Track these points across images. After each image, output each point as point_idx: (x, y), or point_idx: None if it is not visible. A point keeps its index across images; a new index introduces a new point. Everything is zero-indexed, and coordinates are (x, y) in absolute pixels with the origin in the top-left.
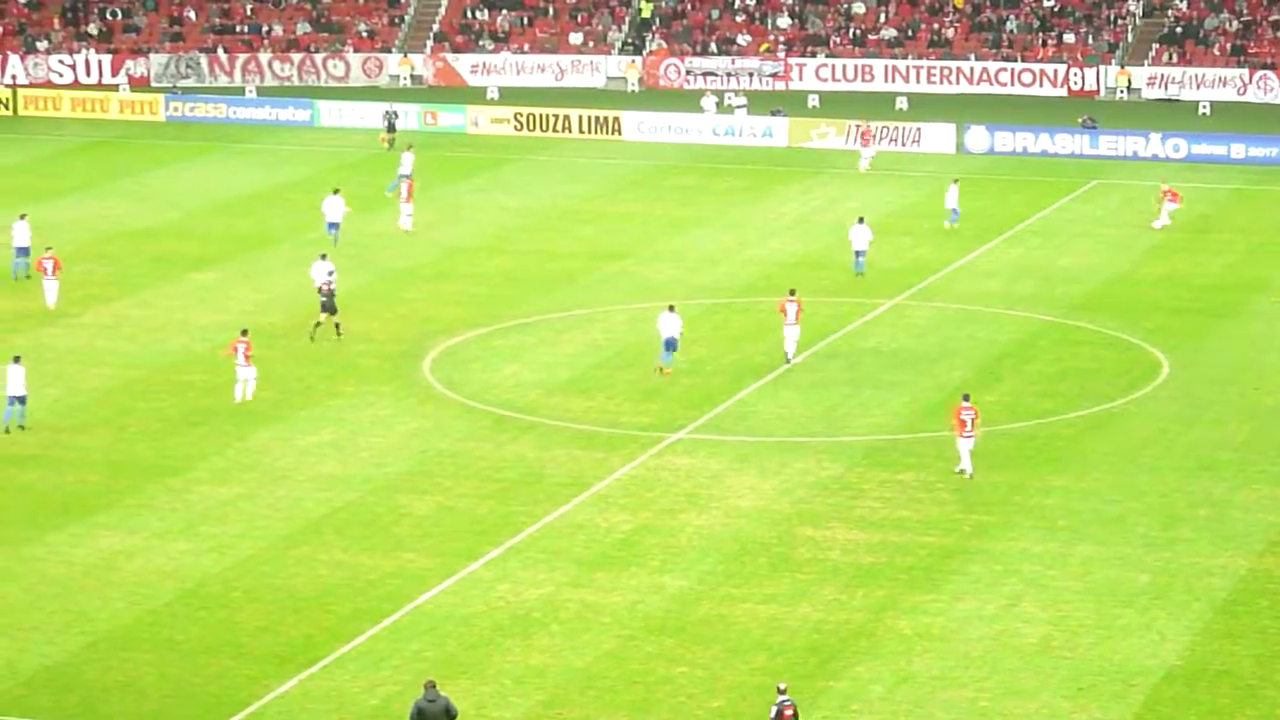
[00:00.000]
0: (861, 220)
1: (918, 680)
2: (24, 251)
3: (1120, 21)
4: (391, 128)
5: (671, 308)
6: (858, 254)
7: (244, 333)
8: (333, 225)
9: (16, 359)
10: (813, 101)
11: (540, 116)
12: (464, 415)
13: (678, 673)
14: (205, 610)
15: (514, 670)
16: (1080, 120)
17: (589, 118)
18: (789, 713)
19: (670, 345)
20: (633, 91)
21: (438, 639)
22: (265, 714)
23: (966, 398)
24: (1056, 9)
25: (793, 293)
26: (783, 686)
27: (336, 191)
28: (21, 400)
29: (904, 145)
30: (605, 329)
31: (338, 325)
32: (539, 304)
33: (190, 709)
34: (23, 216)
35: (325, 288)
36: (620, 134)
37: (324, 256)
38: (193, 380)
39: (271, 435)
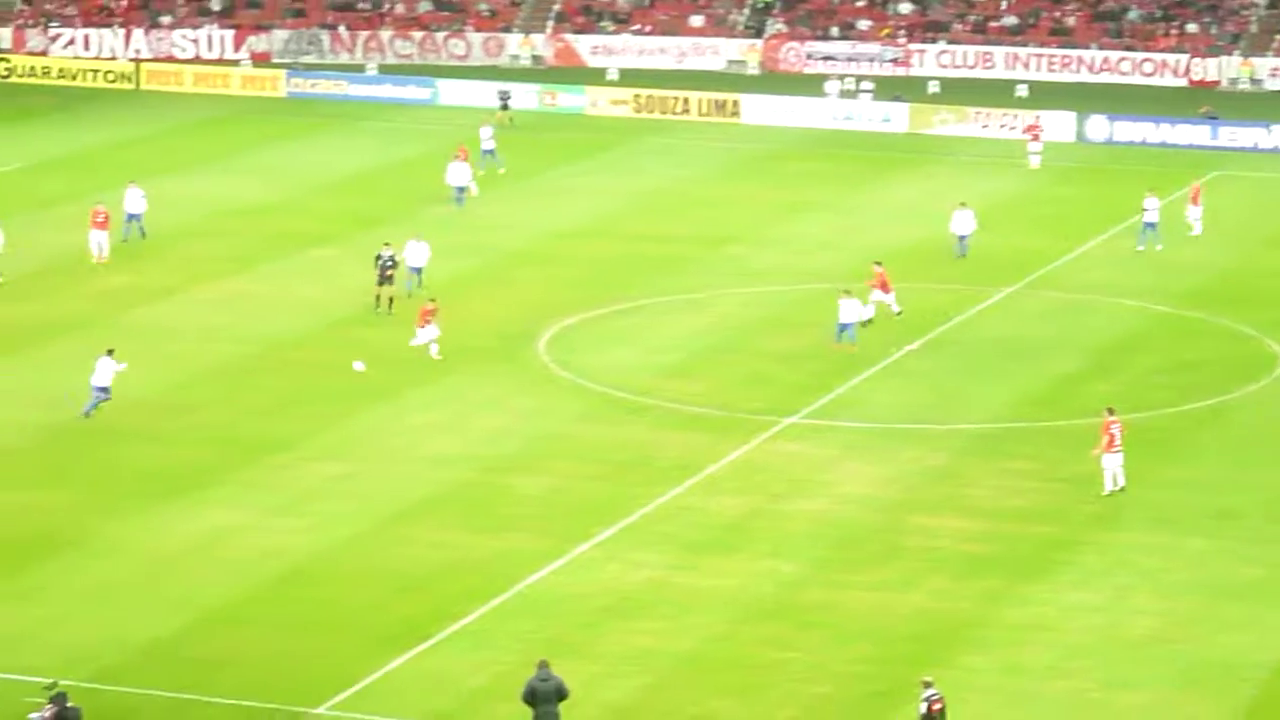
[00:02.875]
0: (964, 205)
1: (1026, 670)
2: (134, 217)
3: (1244, 12)
4: (505, 106)
5: (848, 291)
6: (960, 239)
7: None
8: (460, 189)
9: (110, 352)
10: (933, 88)
11: (659, 99)
12: (576, 396)
13: (784, 658)
14: (313, 587)
15: (621, 651)
16: (1201, 111)
17: (708, 100)
18: (938, 706)
19: (845, 328)
20: (752, 75)
21: (546, 619)
22: (372, 692)
23: (1111, 411)
24: None
25: (879, 264)
26: (929, 679)
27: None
28: (104, 391)
29: (1023, 133)
30: (718, 313)
31: (391, 300)
32: (652, 287)
33: (297, 685)
34: (134, 183)
35: (388, 262)
36: (739, 117)
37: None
38: (305, 357)
39: (383, 414)
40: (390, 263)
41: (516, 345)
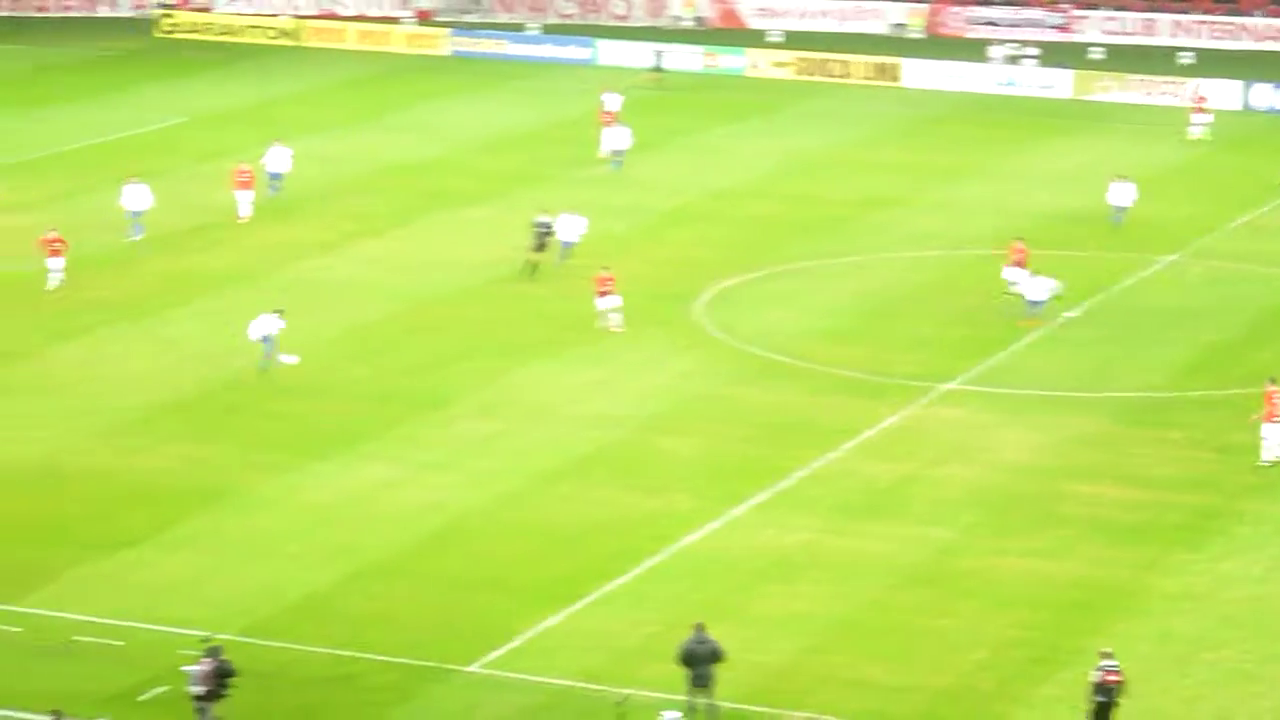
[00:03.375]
0: (1123, 177)
1: (1179, 640)
2: (278, 176)
3: None
4: (658, 67)
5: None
6: (1118, 209)
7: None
8: (618, 152)
9: (279, 312)
10: (1096, 54)
11: (821, 61)
12: (733, 359)
13: (939, 624)
14: (469, 544)
15: (776, 615)
16: None
17: (869, 64)
18: (1114, 679)
19: (1036, 304)
20: (915, 39)
21: (700, 581)
22: (528, 649)
23: (1274, 380)
24: None
25: (1020, 239)
26: (1107, 650)
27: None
28: (267, 341)
29: (1187, 101)
30: (876, 276)
31: (536, 266)
32: (810, 249)
33: (452, 641)
34: (278, 141)
35: (544, 229)
36: (900, 81)
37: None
38: (463, 314)
39: (539, 372)
40: (546, 229)
41: (674, 306)
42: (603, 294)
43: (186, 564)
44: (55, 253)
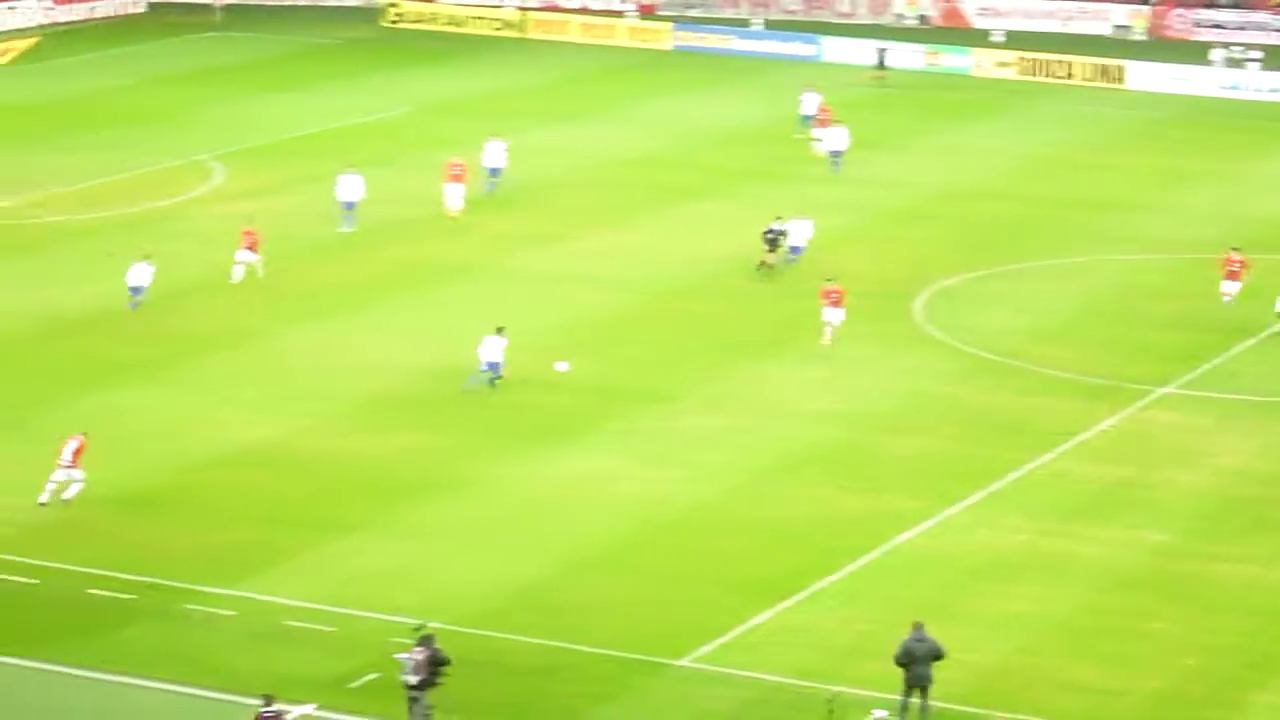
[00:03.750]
0: None
1: None
2: (495, 172)
3: None
4: (882, 64)
5: None
6: None
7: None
8: (835, 153)
9: (499, 330)
10: None
11: (1044, 62)
12: (952, 358)
13: (1154, 628)
14: (686, 537)
15: (989, 615)
16: None
17: (1092, 65)
18: None
19: None
20: (1139, 40)
21: (914, 579)
22: (742, 643)
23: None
24: None
25: (1236, 250)
26: None
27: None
28: (493, 367)
29: None
30: (1098, 279)
31: (763, 264)
32: (1032, 250)
33: (666, 634)
34: (495, 136)
35: (776, 235)
36: (1123, 83)
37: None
38: (688, 309)
39: (761, 369)
40: (776, 234)
41: (893, 304)
42: (832, 305)
43: (404, 552)
44: (251, 246)
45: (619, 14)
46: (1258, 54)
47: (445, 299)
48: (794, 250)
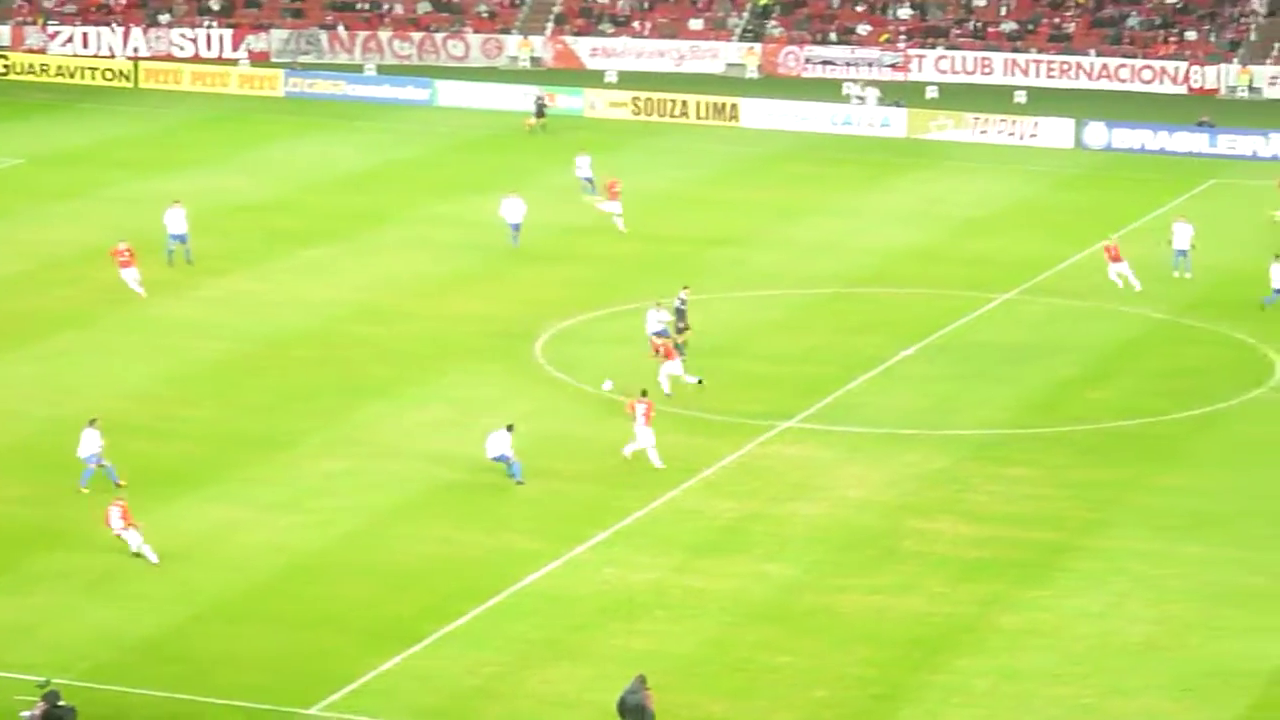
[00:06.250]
0: (1183, 218)
1: (1022, 676)
2: (178, 238)
3: (1243, 20)
4: (541, 112)
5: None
6: (1178, 253)
7: (643, 393)
8: (515, 227)
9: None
10: (931, 93)
11: (658, 101)
12: (573, 398)
13: (781, 661)
14: (310, 584)
15: (617, 654)
16: (1198, 121)
17: (707, 103)
18: None
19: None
20: (751, 78)
21: (542, 620)
22: (368, 690)
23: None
24: (1179, 6)
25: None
26: None
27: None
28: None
29: (1021, 139)
30: (714, 315)
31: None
32: (650, 288)
33: (294, 683)
34: (176, 203)
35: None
36: (738, 120)
37: (658, 305)
38: (303, 355)
39: (380, 411)
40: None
41: (515, 345)
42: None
43: (24, 606)
44: (126, 264)
45: (232, 62)
46: (876, 91)
47: (61, 351)
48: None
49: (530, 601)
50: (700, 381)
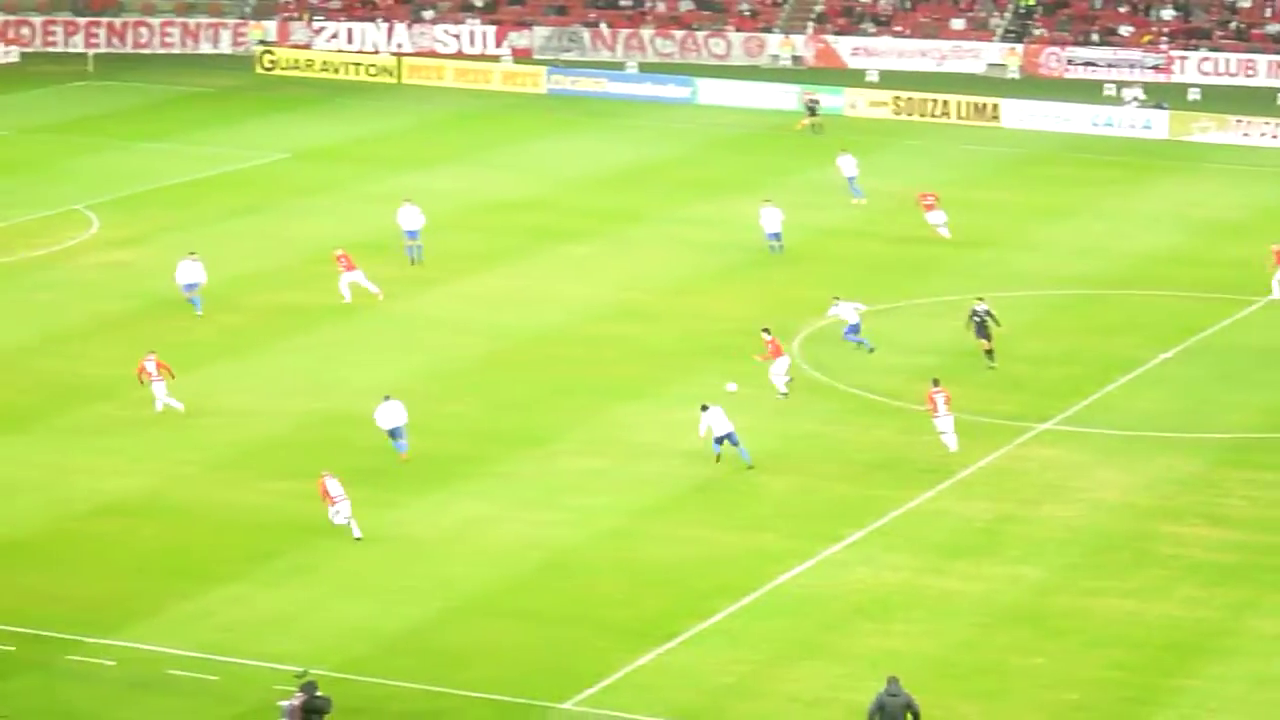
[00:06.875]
0: None
1: (1274, 682)
2: (412, 235)
3: None
4: (813, 112)
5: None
6: None
7: (935, 382)
8: (774, 235)
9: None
10: (1194, 95)
11: (918, 101)
12: (830, 397)
13: (1033, 664)
14: (566, 580)
15: (870, 653)
16: None
17: (968, 103)
18: None
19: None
20: (1012, 79)
21: (795, 619)
22: (621, 687)
23: None
24: None
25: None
26: None
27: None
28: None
29: None
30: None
31: (990, 352)
32: (907, 289)
33: (547, 678)
34: (408, 201)
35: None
36: (998, 120)
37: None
38: (562, 353)
39: (637, 410)
40: (982, 316)
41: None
42: (775, 357)
43: (285, 599)
44: (348, 268)
45: (495, 59)
46: (1139, 92)
47: (322, 345)
48: (852, 332)
49: (783, 600)
50: (789, 381)
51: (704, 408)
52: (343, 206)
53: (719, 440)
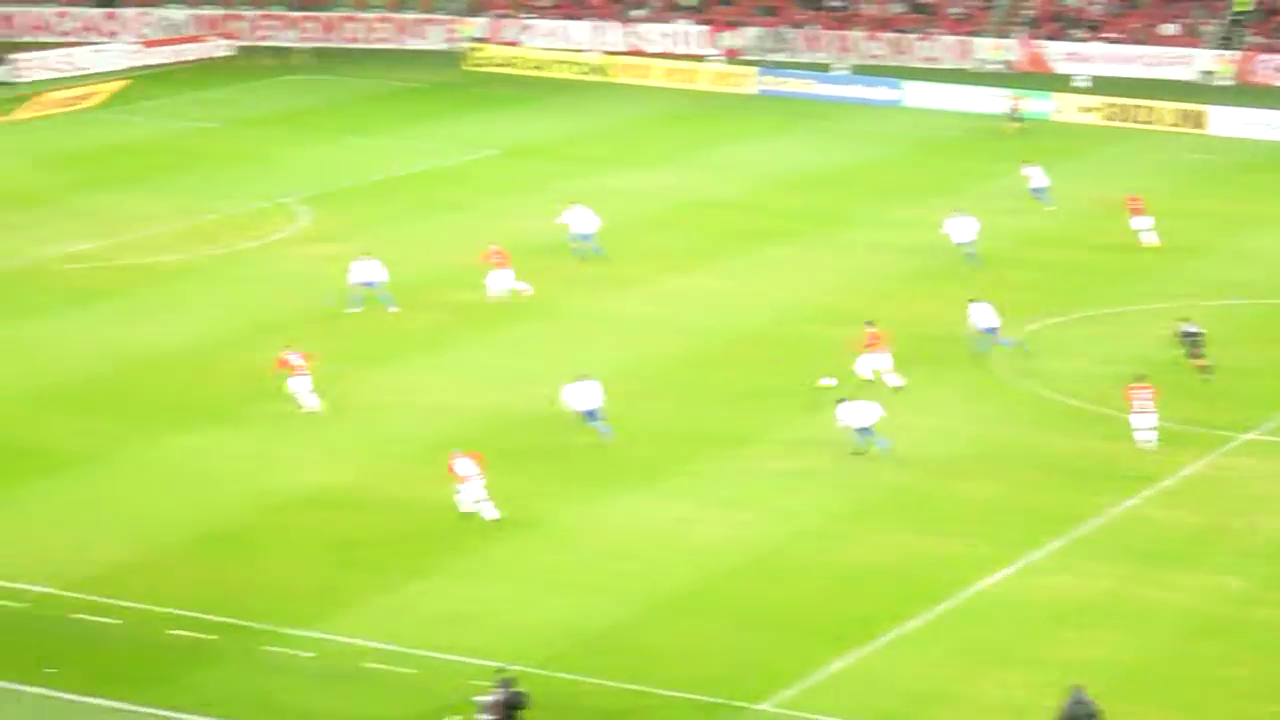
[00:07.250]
0: None
1: None
2: (585, 237)
3: None
4: (1015, 118)
5: None
6: None
7: (1139, 378)
8: (967, 243)
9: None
10: None
11: (1127, 107)
12: (1033, 403)
13: (1235, 675)
14: (766, 581)
15: (1069, 662)
16: None
17: (1176, 110)
18: None
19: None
20: (1223, 85)
21: (994, 625)
22: (818, 690)
23: None
24: None
25: None
26: None
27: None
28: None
29: None
30: (1165, 326)
31: (1204, 367)
32: (1114, 295)
33: (745, 678)
34: (576, 203)
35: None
36: (1205, 128)
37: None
38: (764, 354)
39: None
40: (1194, 336)
41: (970, 350)
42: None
43: (484, 595)
44: (500, 265)
45: (702, 58)
46: None
47: (520, 341)
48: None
49: (983, 606)
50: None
51: (839, 401)
52: (549, 203)
53: (862, 431)
